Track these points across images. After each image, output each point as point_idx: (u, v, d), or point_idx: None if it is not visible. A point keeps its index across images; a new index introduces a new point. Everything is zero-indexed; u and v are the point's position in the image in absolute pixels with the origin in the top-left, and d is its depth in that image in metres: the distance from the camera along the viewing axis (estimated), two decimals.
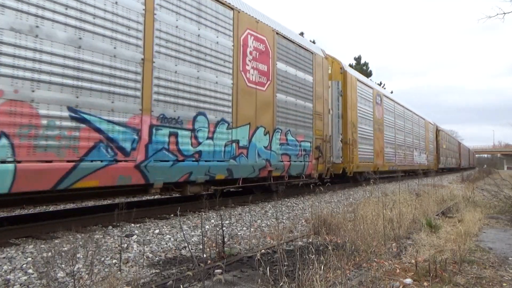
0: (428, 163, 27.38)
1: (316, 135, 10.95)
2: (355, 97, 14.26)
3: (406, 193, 9.97)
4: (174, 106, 6.44)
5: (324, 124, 11.61)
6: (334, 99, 13.10)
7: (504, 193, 9.33)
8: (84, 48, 5.08)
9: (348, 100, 13.49)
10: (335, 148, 12.74)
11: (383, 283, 3.37)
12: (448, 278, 3.51)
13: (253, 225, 6.25)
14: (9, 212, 7.18)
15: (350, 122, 13.51)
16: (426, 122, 27.95)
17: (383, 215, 5.41)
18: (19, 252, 4.21)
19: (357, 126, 14.16)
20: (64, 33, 4.87)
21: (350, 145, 13.24)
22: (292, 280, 3.07)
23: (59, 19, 4.83)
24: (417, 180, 14.56)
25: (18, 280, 3.42)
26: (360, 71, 31.73)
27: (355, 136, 13.89)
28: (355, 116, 14.05)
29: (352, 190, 13.08)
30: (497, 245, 5.17)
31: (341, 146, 12.94)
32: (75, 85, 4.97)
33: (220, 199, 7.05)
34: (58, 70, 4.79)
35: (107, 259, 4.12)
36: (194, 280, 3.34)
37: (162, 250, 4.64)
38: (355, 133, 13.94)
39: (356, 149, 13.81)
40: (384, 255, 4.27)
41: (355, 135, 13.91)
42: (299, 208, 8.45)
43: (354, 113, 14.00)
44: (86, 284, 3.10)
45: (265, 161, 8.61)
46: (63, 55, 4.85)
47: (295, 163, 9.86)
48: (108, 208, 6.87)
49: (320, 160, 10.95)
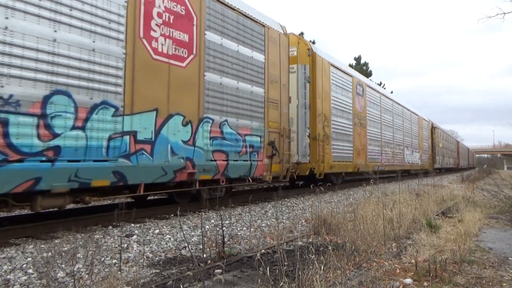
0: (422, 163, 25.31)
1: (269, 128, 8.83)
2: (328, 85, 12.11)
3: (406, 193, 9.97)
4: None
5: (282, 114, 9.44)
6: (300, 86, 10.97)
7: (504, 193, 9.33)
8: None
9: (318, 88, 11.36)
10: (301, 145, 10.78)
11: (383, 283, 3.37)
12: (448, 278, 3.51)
13: (253, 225, 6.25)
14: (9, 212, 7.17)
15: (321, 115, 11.45)
16: (419, 118, 25.64)
17: (383, 215, 5.41)
18: (19, 252, 4.21)
19: (330, 119, 12.06)
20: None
21: (321, 141, 11.21)
22: (292, 280, 3.07)
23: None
24: (417, 180, 14.54)
25: (18, 280, 3.42)
26: (360, 71, 31.60)
27: (328, 131, 11.85)
28: (327, 107, 11.94)
29: (352, 190, 13.07)
30: (497, 245, 5.17)
31: (308, 142, 10.86)
32: None
33: (220, 199, 7.05)
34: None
35: (107, 259, 4.12)
36: (194, 280, 3.34)
37: (162, 250, 4.64)
38: (328, 127, 11.90)
39: (328, 146, 11.77)
40: (384, 255, 4.27)
41: (328, 129, 11.85)
42: (299, 208, 8.45)
43: (326, 103, 11.85)
44: (86, 284, 3.10)
45: (185, 160, 6.63)
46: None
47: (236, 163, 7.77)
48: (108, 208, 6.88)
49: (275, 159, 8.92)
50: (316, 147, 11.10)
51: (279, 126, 9.31)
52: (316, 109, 11.26)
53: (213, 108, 7.26)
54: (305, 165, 10.81)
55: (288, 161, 9.60)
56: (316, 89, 11.33)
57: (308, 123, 11.01)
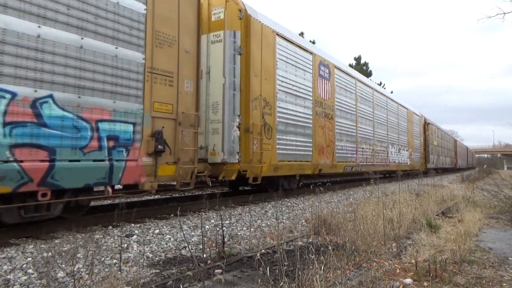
0: (412, 162, 22.56)
1: (155, 113, 6.17)
2: (272, 61, 9.32)
3: (406, 193, 9.98)
4: None
5: (183, 94, 6.66)
6: (228, 59, 8.21)
7: (504, 193, 9.33)
8: None
9: (255, 63, 8.58)
10: (227, 139, 8.07)
11: (383, 283, 3.37)
12: (448, 278, 3.51)
13: (253, 225, 6.25)
14: None
15: (259, 99, 8.67)
16: (409, 112, 22.76)
17: (383, 215, 5.42)
18: (19, 252, 4.21)
19: (275, 106, 9.31)
20: None
21: (257, 134, 8.49)
22: (292, 280, 3.07)
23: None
24: (417, 180, 14.54)
25: (18, 280, 3.42)
26: (360, 71, 31.48)
27: (271, 121, 9.08)
28: (270, 90, 9.14)
29: (352, 190, 13.07)
30: (497, 245, 5.17)
31: (238, 135, 8.15)
32: None
33: (220, 199, 7.04)
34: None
35: (107, 259, 4.12)
36: (194, 280, 3.34)
37: (162, 250, 4.64)
38: (271, 116, 9.12)
39: (271, 140, 9.06)
40: (384, 255, 4.27)
41: (271, 119, 9.09)
42: (299, 208, 8.45)
43: (268, 84, 9.09)
44: (86, 284, 3.10)
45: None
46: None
47: (76, 165, 5.05)
48: (108, 208, 6.88)
49: (165, 158, 6.28)
50: (249, 142, 8.25)
51: (174, 110, 6.51)
52: (251, 91, 8.40)
53: (16, 75, 4.47)
54: (231, 166, 8.02)
55: (192, 161, 6.79)
56: (252, 65, 8.48)
57: (238, 110, 8.21)
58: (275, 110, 9.32)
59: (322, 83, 11.75)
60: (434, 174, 23.19)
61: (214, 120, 8.28)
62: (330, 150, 11.99)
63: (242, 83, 8.35)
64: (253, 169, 8.35)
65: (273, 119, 9.23)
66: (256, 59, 8.68)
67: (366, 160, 15.13)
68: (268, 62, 9.15)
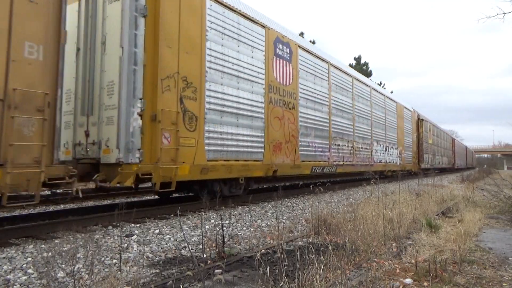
0: (403, 162, 20.50)
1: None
2: (199, 29, 7.19)
3: (406, 193, 9.98)
4: None
5: (18, 61, 4.63)
6: (127, 23, 6.03)
7: (504, 193, 9.33)
8: None
9: (167, 30, 6.55)
10: (123, 130, 5.91)
11: (383, 283, 3.37)
12: (448, 278, 3.51)
13: (253, 225, 6.25)
14: (9, 212, 7.18)
15: (175, 77, 6.65)
16: (399, 106, 20.47)
17: (383, 215, 5.42)
18: (19, 252, 4.21)
19: (202, 88, 7.15)
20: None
21: (172, 124, 6.49)
22: (292, 280, 3.07)
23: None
24: (417, 180, 14.54)
25: (18, 280, 3.42)
26: (360, 71, 31.51)
27: (195, 108, 6.97)
28: (194, 67, 7.02)
29: (352, 190, 13.07)
30: (497, 245, 5.17)
31: (139, 125, 6.08)
32: None
33: (220, 199, 7.04)
34: None
35: (107, 259, 4.12)
36: (194, 280, 3.34)
37: (162, 250, 4.64)
38: (196, 101, 7.00)
39: (197, 133, 6.99)
40: (384, 255, 4.27)
41: (195, 105, 6.98)
42: (299, 208, 8.45)
43: (191, 59, 6.99)
44: (86, 284, 3.10)
45: None
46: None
47: None
48: (108, 208, 6.88)
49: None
50: (156, 135, 6.27)
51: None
52: (161, 66, 6.40)
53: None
54: (128, 168, 5.89)
55: (38, 162, 4.71)
56: (163, 31, 6.46)
57: (141, 91, 6.14)
58: (202, 93, 7.15)
59: (279, 65, 9.60)
60: (434, 174, 23.01)
61: (110, 105, 6.13)
62: (291, 147, 9.82)
63: (148, 56, 6.26)
64: (162, 171, 6.25)
65: (200, 105, 7.07)
66: (170, 24, 6.60)
67: (343, 159, 13.02)
68: (191, 30, 7.02)
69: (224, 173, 7.59)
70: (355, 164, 14.07)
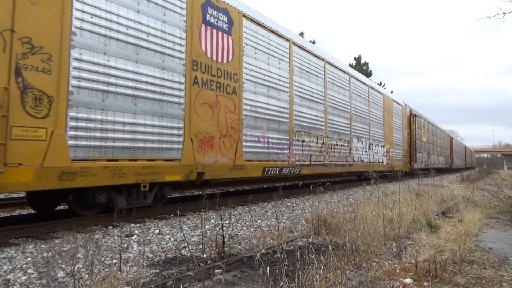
0: (391, 162, 18.18)
1: None
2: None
3: (406, 193, 9.98)
4: None
5: None
6: None
7: (504, 193, 9.34)
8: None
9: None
10: None
11: (383, 283, 3.37)
12: (448, 278, 3.51)
13: (253, 225, 6.25)
14: (9, 212, 7.18)
15: (4, 35, 4.33)
16: (386, 98, 18.06)
17: (383, 215, 5.42)
18: (19, 252, 4.21)
19: (64, 57, 4.92)
20: None
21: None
22: (292, 280, 3.07)
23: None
24: (417, 180, 14.54)
25: (18, 280, 3.42)
26: (360, 71, 31.46)
27: (49, 84, 4.76)
28: (46, 23, 4.74)
29: (352, 190, 13.07)
30: (497, 245, 5.17)
31: None
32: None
33: (220, 199, 7.04)
34: None
35: (107, 259, 4.12)
36: (194, 280, 3.34)
37: (162, 250, 4.64)
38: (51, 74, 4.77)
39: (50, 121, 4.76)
40: (384, 255, 4.27)
41: (51, 79, 4.77)
42: (299, 208, 8.45)
43: (41, 12, 4.69)
44: (86, 284, 3.10)
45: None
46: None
47: None
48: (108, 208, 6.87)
49: None
50: None
51: None
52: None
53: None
54: None
55: None
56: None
57: None
58: (65, 64, 4.93)
59: (212, 37, 7.50)
60: (433, 174, 22.91)
61: None
62: (229, 142, 7.76)
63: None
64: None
65: (59, 80, 4.87)
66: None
67: (310, 158, 10.80)
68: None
69: (109, 179, 5.39)
70: (328, 164, 11.81)
